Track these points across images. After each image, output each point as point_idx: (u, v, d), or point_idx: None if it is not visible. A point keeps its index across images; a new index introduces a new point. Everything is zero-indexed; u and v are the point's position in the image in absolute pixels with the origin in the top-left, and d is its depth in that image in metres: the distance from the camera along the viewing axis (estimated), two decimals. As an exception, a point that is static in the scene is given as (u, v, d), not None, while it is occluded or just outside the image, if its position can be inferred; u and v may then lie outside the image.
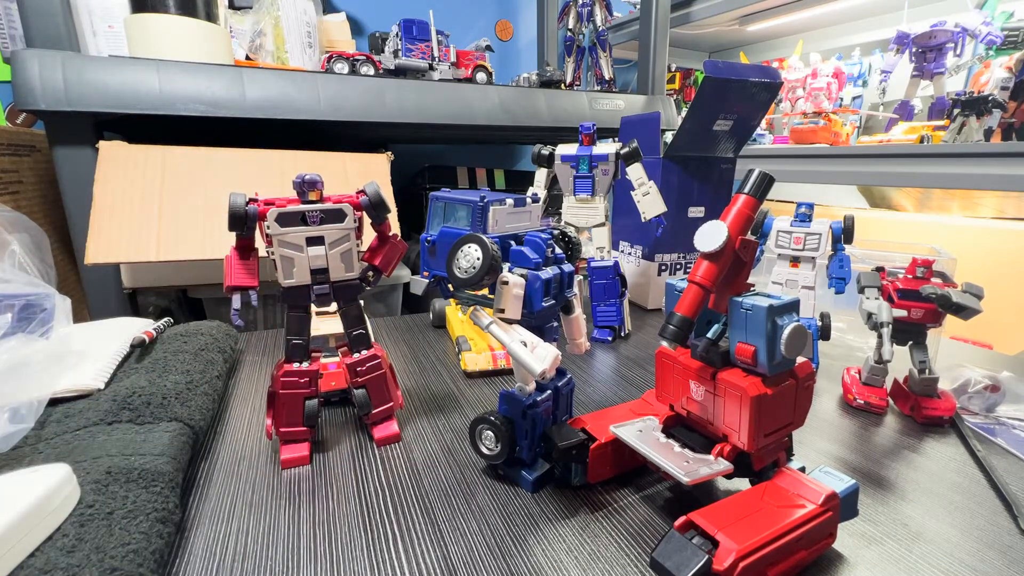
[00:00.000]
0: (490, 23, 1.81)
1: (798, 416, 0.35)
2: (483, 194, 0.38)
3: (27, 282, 0.50)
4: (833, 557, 0.33)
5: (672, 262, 0.85)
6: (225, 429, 0.49)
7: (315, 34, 1.22)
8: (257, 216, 0.39)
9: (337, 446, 0.46)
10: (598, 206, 0.69)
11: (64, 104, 0.76)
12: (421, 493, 0.39)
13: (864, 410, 0.53)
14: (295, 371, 0.42)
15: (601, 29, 1.51)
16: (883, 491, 0.40)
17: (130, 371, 0.50)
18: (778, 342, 0.31)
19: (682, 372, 0.36)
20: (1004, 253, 1.12)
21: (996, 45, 1.18)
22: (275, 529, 0.36)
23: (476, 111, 1.08)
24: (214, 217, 0.81)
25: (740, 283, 0.34)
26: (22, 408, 0.40)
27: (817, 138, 1.40)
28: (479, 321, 0.36)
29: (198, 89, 0.84)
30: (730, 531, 0.29)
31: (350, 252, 0.42)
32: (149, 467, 0.36)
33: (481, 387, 0.58)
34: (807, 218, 0.57)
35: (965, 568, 0.33)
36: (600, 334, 0.72)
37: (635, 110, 1.29)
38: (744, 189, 0.33)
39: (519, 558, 0.33)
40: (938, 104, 1.25)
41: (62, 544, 0.29)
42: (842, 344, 0.71)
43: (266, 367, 0.63)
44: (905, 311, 0.49)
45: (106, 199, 0.76)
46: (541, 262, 0.38)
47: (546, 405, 0.39)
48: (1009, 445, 0.46)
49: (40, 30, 0.76)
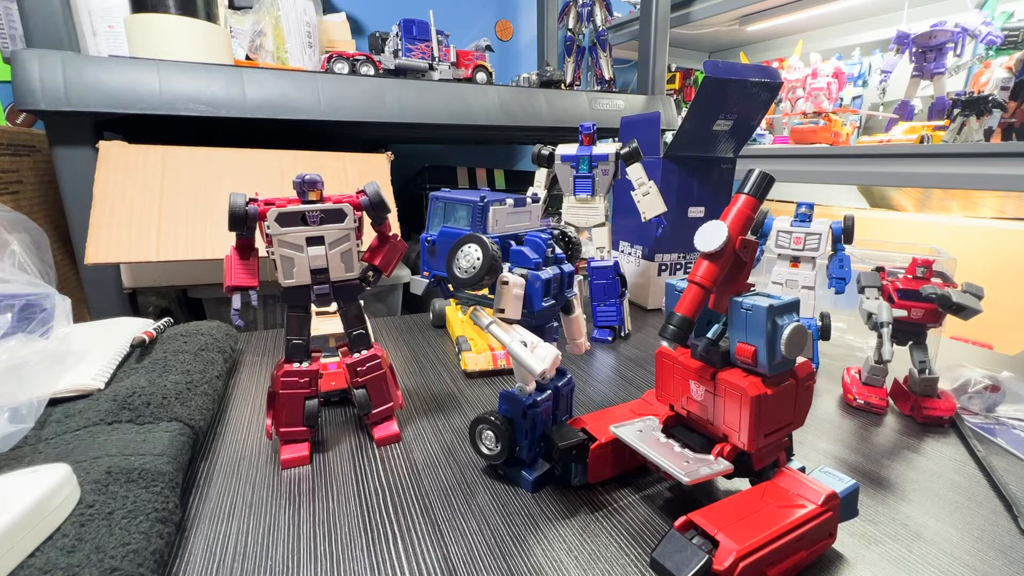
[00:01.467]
0: (490, 23, 1.81)
1: (798, 416, 0.35)
2: (483, 194, 0.38)
3: (27, 282, 0.50)
4: (833, 557, 0.33)
5: (672, 262, 0.85)
6: (225, 429, 0.49)
7: (315, 34, 1.22)
8: (257, 216, 0.39)
9: (337, 446, 0.46)
10: (598, 206, 0.69)
11: (64, 104, 0.76)
12: (421, 493, 0.39)
13: (864, 410, 0.53)
14: (295, 371, 0.42)
15: (601, 29, 1.51)
16: (883, 491, 0.40)
17: (130, 371, 0.50)
18: (778, 342, 0.31)
19: (682, 372, 0.36)
20: (1004, 253, 1.12)
21: (996, 45, 1.18)
22: (275, 529, 0.36)
23: (476, 111, 1.08)
24: (214, 217, 0.81)
25: (740, 283, 0.34)
26: (22, 408, 0.40)
27: (817, 138, 1.40)
28: (479, 321, 0.36)
29: (198, 89, 0.84)
30: (730, 531, 0.29)
31: (350, 252, 0.42)
32: (149, 467, 0.36)
33: (481, 387, 0.58)
34: (807, 218, 0.57)
35: (965, 568, 0.33)
36: (600, 334, 0.72)
37: (635, 110, 1.29)
38: (744, 189, 0.33)
39: (519, 558, 0.33)
40: (938, 104, 1.25)
41: (62, 544, 0.29)
42: (842, 344, 0.71)
43: (266, 367, 0.63)
44: (905, 311, 0.49)
45: (106, 199, 0.76)
46: (541, 262, 0.38)
47: (546, 405, 0.39)
48: (1009, 445, 0.46)
49: (40, 30, 0.77)
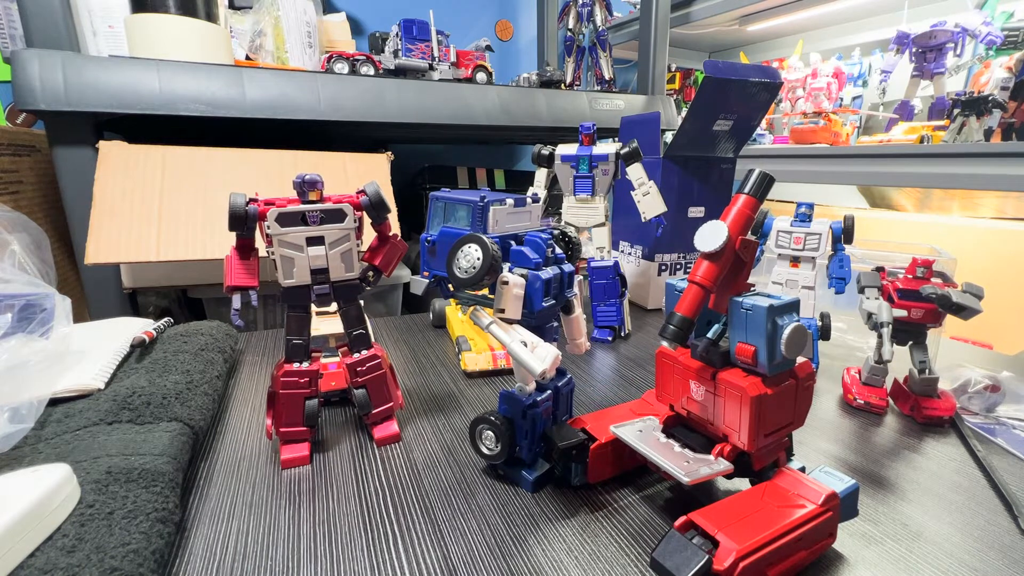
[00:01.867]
0: (490, 23, 1.81)
1: (798, 416, 0.35)
2: (483, 194, 0.38)
3: (27, 282, 0.50)
4: (833, 557, 0.33)
5: (672, 262, 0.85)
6: (225, 429, 0.49)
7: (315, 34, 1.22)
8: (257, 216, 0.39)
9: (337, 446, 0.46)
10: (598, 206, 0.69)
11: (64, 104, 0.76)
12: (421, 493, 0.39)
13: (864, 410, 0.53)
14: (295, 371, 0.42)
15: (601, 29, 1.51)
16: (883, 491, 0.40)
17: (130, 371, 0.50)
18: (778, 342, 0.31)
19: (682, 372, 0.36)
20: (1004, 253, 1.12)
21: (996, 45, 1.18)
22: (275, 529, 0.36)
23: (476, 111, 1.08)
24: (214, 217, 0.81)
25: (740, 283, 0.34)
26: (22, 408, 0.40)
27: (817, 138, 1.40)
28: (479, 321, 0.36)
29: (198, 89, 0.84)
30: (730, 531, 0.29)
31: (350, 252, 0.42)
32: (149, 467, 0.36)
33: (481, 387, 0.58)
34: (807, 218, 0.57)
35: (965, 568, 0.33)
36: (600, 334, 0.72)
37: (635, 110, 1.29)
38: (744, 189, 0.33)
39: (519, 558, 0.33)
40: (938, 104, 1.25)
41: (62, 544, 0.29)
42: (842, 344, 0.71)
43: (266, 367, 0.63)
44: (905, 311, 0.49)
45: (106, 199, 0.76)
46: (541, 262, 0.38)
47: (546, 405, 0.39)
48: (1009, 445, 0.46)
49: (40, 30, 0.76)
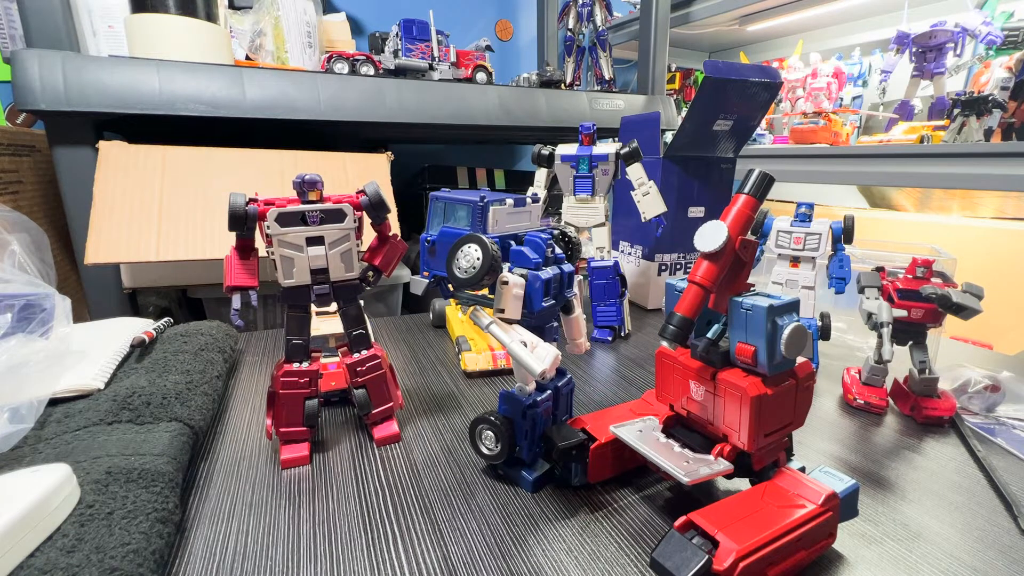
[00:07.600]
0: (490, 23, 1.81)
1: (798, 416, 0.35)
2: (483, 194, 0.38)
3: (27, 282, 0.50)
4: (833, 557, 0.33)
5: (672, 262, 0.85)
6: (225, 429, 0.49)
7: (315, 34, 1.22)
8: (257, 216, 0.39)
9: (337, 446, 0.46)
10: (598, 206, 0.69)
11: (64, 104, 0.76)
12: (421, 493, 0.39)
13: (864, 410, 0.53)
14: (295, 371, 0.42)
15: (601, 29, 1.51)
16: (883, 491, 0.40)
17: (130, 371, 0.50)
18: (778, 342, 0.31)
19: (682, 372, 0.36)
20: (1004, 253, 1.12)
21: (996, 45, 1.18)
22: (275, 529, 0.36)
23: (476, 111, 1.08)
24: (214, 217, 0.81)
25: (740, 283, 0.34)
26: (22, 408, 0.40)
27: (817, 138, 1.40)
28: (479, 321, 0.36)
29: (198, 89, 0.84)
30: (730, 531, 0.29)
31: (350, 252, 0.42)
32: (149, 467, 0.36)
33: (481, 387, 0.58)
34: (807, 218, 0.57)
35: (965, 568, 0.33)
36: (600, 334, 0.72)
37: (635, 110, 1.29)
38: (744, 189, 0.33)
39: (519, 558, 0.33)
40: (938, 104, 1.25)
41: (62, 544, 0.29)
42: (842, 344, 0.71)
43: (266, 367, 0.63)
44: (905, 311, 0.49)
45: (106, 199, 0.76)
46: (541, 262, 0.38)
47: (546, 405, 0.39)
48: (1009, 445, 0.46)
49: (40, 30, 0.76)
